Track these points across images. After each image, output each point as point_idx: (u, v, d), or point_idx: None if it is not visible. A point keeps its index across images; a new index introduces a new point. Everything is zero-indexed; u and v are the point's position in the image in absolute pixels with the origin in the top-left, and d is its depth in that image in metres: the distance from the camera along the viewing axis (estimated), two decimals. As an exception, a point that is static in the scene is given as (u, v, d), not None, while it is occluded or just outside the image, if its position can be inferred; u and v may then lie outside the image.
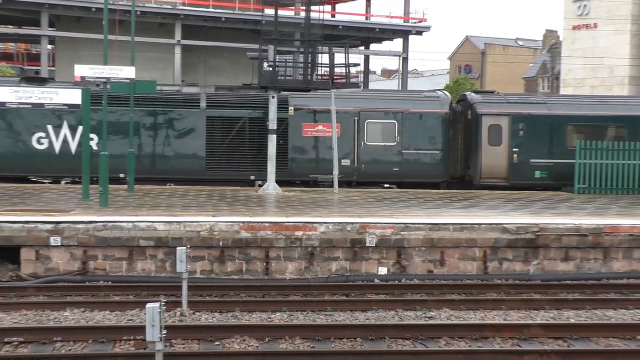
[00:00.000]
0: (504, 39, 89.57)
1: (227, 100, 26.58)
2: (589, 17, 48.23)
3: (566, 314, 13.33)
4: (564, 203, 22.72)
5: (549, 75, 72.53)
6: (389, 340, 11.34)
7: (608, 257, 17.32)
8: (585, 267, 17.23)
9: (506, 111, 27.28)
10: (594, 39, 47.71)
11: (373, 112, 26.98)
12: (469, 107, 27.76)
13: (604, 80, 47.52)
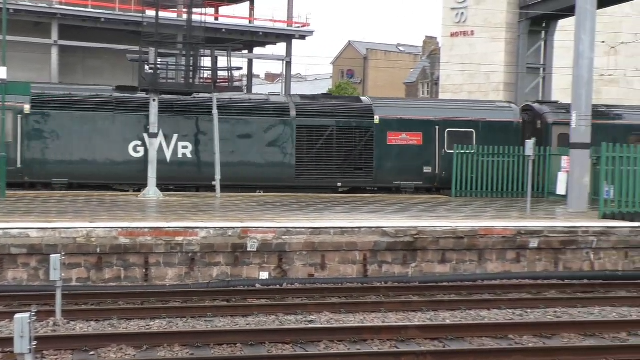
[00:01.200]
0: (385, 44, 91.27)
1: (316, 109, 27.26)
2: (466, 24, 49.60)
3: (442, 315, 13.62)
4: (442, 206, 23.28)
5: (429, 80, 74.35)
6: (270, 345, 11.32)
7: (483, 258, 17.84)
8: (461, 268, 17.69)
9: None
10: (472, 46, 49.08)
11: (453, 121, 27.95)
12: (539, 117, 28.77)
13: (480, 86, 48.95)
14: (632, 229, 18.78)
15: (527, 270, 17.98)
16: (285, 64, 46.04)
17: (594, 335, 12.13)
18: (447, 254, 17.60)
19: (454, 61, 48.32)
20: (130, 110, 25.58)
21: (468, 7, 49.01)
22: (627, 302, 14.82)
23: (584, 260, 18.34)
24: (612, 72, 42.51)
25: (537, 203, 24.92)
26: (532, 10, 36.57)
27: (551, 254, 18.17)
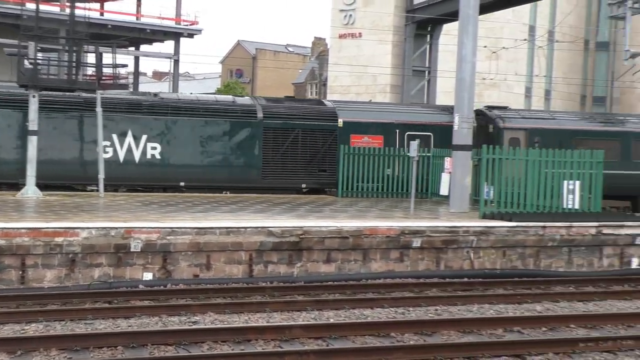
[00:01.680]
0: (274, 44, 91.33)
1: (282, 111, 27.60)
2: (354, 26, 50.21)
3: (327, 314, 13.71)
4: (328, 206, 23.45)
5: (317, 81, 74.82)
6: (152, 347, 11.13)
7: (367, 258, 18.05)
8: (346, 268, 17.86)
9: (523, 126, 29.36)
10: (359, 48, 49.71)
11: (412, 125, 28.67)
12: (491, 122, 29.51)
13: (368, 88, 49.64)
14: (509, 229, 19.40)
15: (410, 269, 18.31)
16: (173, 62, 45.45)
17: (472, 332, 12.46)
18: (333, 254, 17.74)
19: (342, 62, 48.82)
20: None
21: (356, 9, 49.61)
22: (504, 300, 15.31)
23: (464, 259, 18.82)
24: (494, 76, 43.80)
25: (421, 203, 25.44)
26: (417, 14, 37.32)
27: (433, 253, 18.57)
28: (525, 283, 17.43)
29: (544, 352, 11.15)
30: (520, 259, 19.43)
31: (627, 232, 20.53)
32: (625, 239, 20.50)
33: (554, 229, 19.85)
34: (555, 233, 19.82)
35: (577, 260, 20.07)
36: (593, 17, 58.20)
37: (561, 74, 53.99)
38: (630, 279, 18.40)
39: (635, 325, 13.11)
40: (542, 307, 14.64)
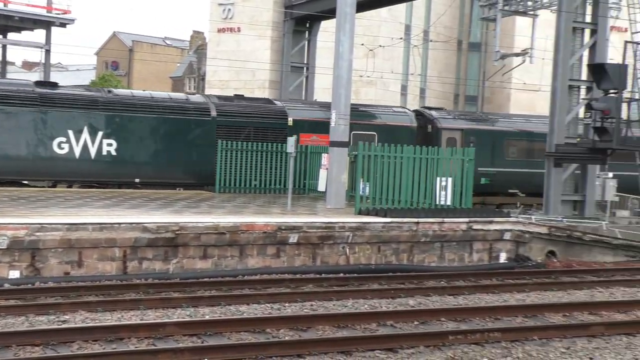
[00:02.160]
0: (152, 37, 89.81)
1: (235, 110, 28.10)
2: (233, 21, 49.92)
3: (202, 310, 13.57)
4: (205, 202, 23.24)
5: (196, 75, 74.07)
6: (17, 348, 10.71)
7: (244, 254, 18.01)
8: (222, 264, 17.75)
9: (459, 127, 31.16)
10: (238, 43, 49.47)
11: (358, 125, 28.94)
12: (429, 122, 31.17)
13: (246, 83, 49.46)
14: (384, 224, 19.75)
15: (287, 265, 18.38)
16: (44, 52, 43.92)
17: (347, 327, 12.59)
18: (209, 250, 17.60)
19: (220, 57, 48.49)
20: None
21: (235, 3, 49.36)
22: (379, 294, 15.54)
23: (340, 255, 19.04)
24: (370, 74, 44.42)
25: (299, 199, 25.57)
26: (296, 10, 37.39)
27: (309, 248, 18.70)
28: (399, 278, 17.77)
29: (415, 345, 11.38)
30: (395, 254, 19.82)
31: (495, 228, 21.27)
32: (494, 234, 21.23)
33: (427, 224, 20.34)
34: (428, 229, 20.31)
35: (448, 255, 20.64)
36: (466, 19, 59.90)
37: (436, 73, 55.37)
38: (498, 273, 19.05)
39: (502, 318, 13.57)
40: (414, 302, 14.95)
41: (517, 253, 21.51)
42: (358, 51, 36.74)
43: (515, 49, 36.18)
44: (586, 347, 11.59)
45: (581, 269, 19.77)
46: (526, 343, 11.85)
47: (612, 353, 11.03)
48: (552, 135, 25.65)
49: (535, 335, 12.17)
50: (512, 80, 46.79)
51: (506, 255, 21.47)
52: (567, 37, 25.43)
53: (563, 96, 25.54)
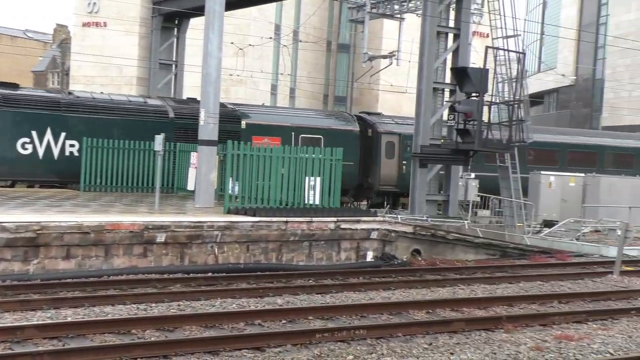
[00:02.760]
0: (12, 29, 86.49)
1: (191, 112, 28.24)
2: (99, 15, 48.77)
3: (65, 312, 13.14)
4: (69, 201, 22.54)
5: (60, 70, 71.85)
6: None
7: (109, 254, 17.56)
8: (87, 264, 17.25)
9: (397, 131, 32.91)
10: (104, 38, 48.35)
11: (305, 128, 31.16)
12: (370, 126, 32.86)
13: (113, 79, 48.42)
14: (253, 224, 19.70)
15: (154, 264, 18.04)
16: None
17: (215, 326, 12.50)
18: (72, 250, 17.06)
19: (85, 52, 47.19)
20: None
21: (101, -3, 48.29)
22: (247, 294, 15.50)
23: (208, 254, 18.86)
24: (240, 73, 44.32)
25: (167, 198, 25.19)
26: (164, 7, 36.85)
27: (177, 248, 18.44)
28: (268, 277, 17.78)
29: (283, 343, 11.41)
30: (264, 253, 19.81)
31: (363, 227, 21.59)
32: (362, 233, 21.55)
33: (295, 223, 20.43)
34: (297, 228, 20.41)
35: (317, 254, 20.80)
36: (335, 20, 60.69)
37: (305, 73, 55.83)
38: (365, 271, 19.36)
39: (368, 316, 13.80)
40: (282, 300, 14.99)
41: (384, 252, 21.91)
42: (228, 50, 36.61)
43: (383, 51, 36.96)
44: (448, 342, 11.92)
45: (444, 267, 20.35)
46: (391, 340, 12.09)
47: (472, 348, 11.39)
48: (418, 137, 26.35)
49: (400, 332, 12.44)
50: (380, 81, 47.77)
51: (373, 253, 21.83)
52: (432, 41, 26.18)
53: (428, 98, 26.27)
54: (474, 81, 24.73)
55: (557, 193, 30.40)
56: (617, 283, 18.38)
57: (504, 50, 26.37)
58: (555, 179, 30.88)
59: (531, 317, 13.89)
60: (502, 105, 26.92)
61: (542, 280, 18.44)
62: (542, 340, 11.97)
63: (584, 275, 19.45)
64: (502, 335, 12.49)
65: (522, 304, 15.43)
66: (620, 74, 55.54)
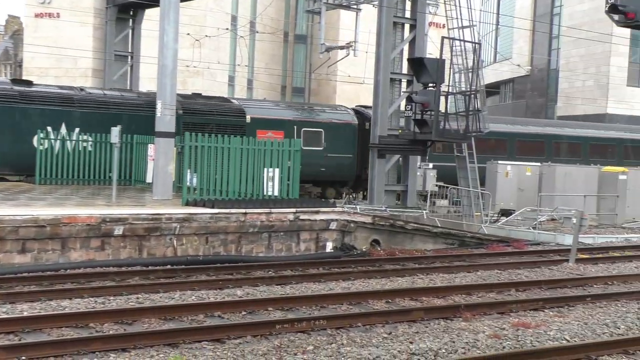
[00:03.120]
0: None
1: (199, 108, 29.43)
2: (51, 6, 48.04)
3: (20, 307, 12.96)
4: (24, 194, 22.25)
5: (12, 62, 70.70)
6: None
7: (66, 247, 17.40)
8: (43, 258, 17.07)
9: None
10: (58, 29, 47.66)
11: (307, 122, 31.96)
12: (367, 120, 31.86)
13: (68, 71, 47.78)
14: (212, 215, 19.64)
15: (112, 257, 17.93)
16: None
17: (174, 319, 12.43)
18: (28, 244, 16.87)
19: (38, 43, 46.51)
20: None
21: (54, -13, 47.59)
22: (206, 286, 15.43)
23: (167, 247, 18.77)
24: (197, 64, 44.03)
25: (125, 191, 24.98)
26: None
27: (136, 240, 18.32)
28: (228, 269, 17.71)
29: (242, 335, 11.38)
30: (223, 245, 19.77)
31: (322, 218, 21.65)
32: (321, 224, 21.62)
33: (255, 215, 20.41)
34: (256, 219, 20.39)
35: (276, 245, 20.81)
36: (292, 11, 60.52)
37: (263, 64, 55.64)
38: (324, 262, 19.36)
39: (328, 306, 13.81)
40: (242, 292, 14.93)
41: (343, 242, 22.00)
42: (184, 41, 36.33)
43: (340, 42, 37.00)
44: (407, 331, 11.98)
45: (403, 257, 20.43)
46: (351, 330, 12.12)
47: (431, 337, 11.46)
48: (376, 127, 26.43)
49: (360, 322, 12.47)
50: (338, 72, 47.79)
51: (332, 244, 21.91)
52: (388, 32, 26.25)
53: (385, 89, 26.35)
54: (431, 72, 24.85)
55: (514, 182, 30.69)
56: (573, 271, 18.60)
57: (460, 41, 26.53)
58: (512, 168, 31.19)
59: (489, 306, 14.01)
60: (459, 96, 27.10)
61: (499, 269, 18.60)
62: (499, 328, 12.09)
63: (541, 264, 19.65)
64: (461, 323, 12.59)
65: (480, 293, 15.55)
66: (575, 64, 56.30)
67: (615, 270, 19.19)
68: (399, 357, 10.11)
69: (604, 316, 13.12)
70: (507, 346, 10.93)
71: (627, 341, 11.24)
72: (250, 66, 53.99)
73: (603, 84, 53.71)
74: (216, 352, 10.47)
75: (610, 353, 10.81)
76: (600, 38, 48.17)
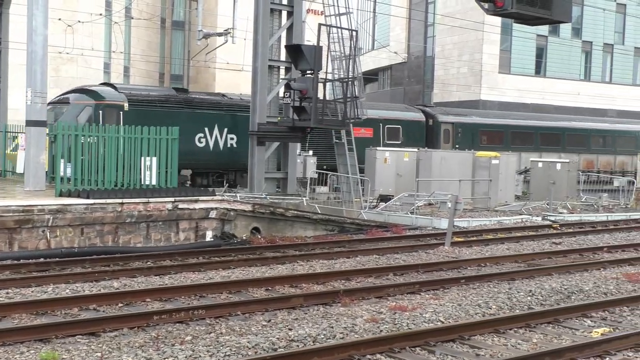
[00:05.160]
0: None
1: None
2: None
3: None
4: None
5: None
6: None
7: None
8: None
9: (451, 120, 39.79)
10: None
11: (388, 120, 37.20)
12: (431, 117, 39.26)
13: None
14: (87, 206, 19.11)
15: (-21, 252, 17.18)
16: None
17: (47, 313, 12.05)
18: None
19: None
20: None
21: None
22: (82, 278, 15.04)
23: (40, 239, 18.15)
24: (70, 51, 42.66)
25: (-7, 182, 24.03)
26: (-14, -19, 34.82)
27: (5, 234, 17.62)
28: (104, 260, 17.32)
29: (118, 327, 11.14)
30: (99, 236, 19.28)
31: (201, 207, 21.40)
32: (200, 212, 21.37)
33: (132, 205, 19.98)
34: (133, 209, 19.97)
35: (155, 236, 20.46)
36: (169, -4, 59.52)
37: (140, 51, 54.46)
38: (204, 251, 19.18)
39: (207, 295, 13.70)
40: (119, 284, 14.63)
41: (223, 231, 21.83)
42: (55, 27, 35.19)
43: (218, 29, 36.67)
44: (286, 318, 12.02)
45: (284, 244, 20.49)
46: (230, 318, 12.06)
47: (310, 323, 11.52)
48: (255, 115, 26.33)
49: (239, 310, 12.43)
50: (217, 60, 47.30)
51: (212, 233, 21.71)
52: (266, 18, 26.17)
53: (263, 76, 26.28)
54: (308, 59, 24.91)
55: (393, 168, 31.26)
56: (449, 254, 19.11)
57: (337, 28, 26.71)
58: (391, 154, 31.74)
59: (367, 290, 14.22)
60: (337, 83, 27.30)
61: (378, 254, 18.91)
62: (377, 312, 12.28)
63: (418, 248, 20.10)
64: (340, 309, 12.73)
65: (359, 278, 15.77)
66: (449, 51, 57.70)
67: (488, 252, 19.85)
68: (278, 344, 10.12)
69: (477, 297, 13.52)
70: (385, 329, 11.11)
71: (498, 320, 11.62)
72: (126, 53, 52.76)
73: (476, 71, 55.26)
74: (91, 345, 10.23)
75: (483, 333, 11.16)
76: (473, 26, 49.48)
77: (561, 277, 16.14)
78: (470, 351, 10.40)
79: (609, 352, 10.32)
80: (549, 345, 10.61)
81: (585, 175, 35.96)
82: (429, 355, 10.18)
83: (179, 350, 9.67)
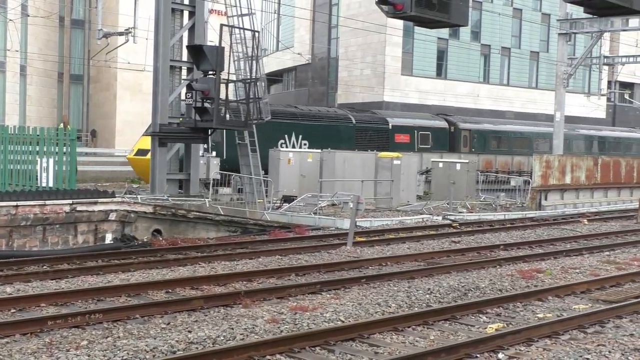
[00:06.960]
0: None
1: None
2: None
3: None
4: None
5: None
6: None
7: None
8: None
9: (469, 127, 45.46)
10: None
11: (423, 127, 42.66)
12: (452, 124, 44.56)
13: None
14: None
15: None
16: None
17: None
18: None
19: None
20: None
21: None
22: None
23: None
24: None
25: None
26: None
27: None
28: (-3, 265, 16.77)
29: (10, 334, 10.78)
30: (-8, 241, 18.69)
31: (100, 209, 21.00)
32: (99, 215, 20.96)
33: (27, 207, 19.45)
34: (28, 212, 19.44)
35: (52, 239, 19.96)
36: (68, -6, 58.22)
37: (37, 49, 53.08)
38: (103, 254, 18.79)
39: (106, 299, 13.44)
40: (12, 289, 14.20)
41: (123, 233, 21.46)
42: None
43: (119, 28, 36.03)
44: (186, 321, 11.89)
45: (186, 246, 20.26)
46: (128, 322, 11.85)
47: (210, 325, 11.44)
48: (156, 116, 25.99)
49: (138, 313, 12.22)
50: (118, 59, 46.51)
51: (112, 235, 21.32)
52: (167, 18, 25.86)
53: (165, 76, 25.96)
54: (210, 59, 24.69)
55: (296, 169, 31.30)
56: (350, 254, 19.26)
57: (239, 29, 26.61)
58: (294, 155, 31.79)
59: (268, 291, 14.19)
60: (241, 84, 27.18)
61: (281, 255, 18.91)
62: (278, 312, 12.27)
63: (321, 248, 20.19)
64: (240, 310, 12.67)
65: (260, 279, 15.74)
66: (353, 53, 58.25)
67: (389, 251, 20.10)
68: (177, 347, 10.01)
69: (377, 296, 13.67)
70: (285, 330, 11.13)
71: (396, 319, 11.78)
72: (22, 52, 51.28)
73: (379, 72, 55.97)
74: (-20, 354, 9.88)
75: (382, 331, 11.29)
76: (376, 29, 50.08)
77: (459, 275, 16.48)
78: (369, 349, 10.51)
79: (502, 347, 10.58)
80: (445, 342, 10.81)
81: (484, 176, 36.88)
82: (328, 354, 10.24)
83: (74, 356, 9.45)
